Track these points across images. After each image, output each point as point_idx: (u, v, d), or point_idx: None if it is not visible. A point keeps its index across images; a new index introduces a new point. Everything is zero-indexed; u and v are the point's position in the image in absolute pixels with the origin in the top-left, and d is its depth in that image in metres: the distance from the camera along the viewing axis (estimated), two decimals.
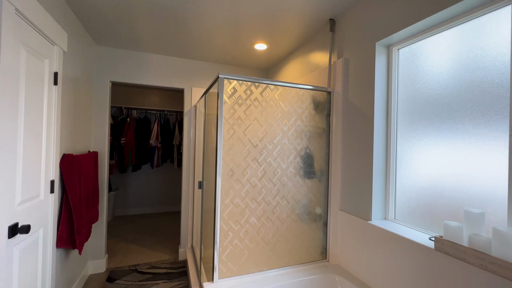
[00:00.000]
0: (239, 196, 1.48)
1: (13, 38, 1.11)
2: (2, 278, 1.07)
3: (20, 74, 1.20)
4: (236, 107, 1.46)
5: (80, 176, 1.82)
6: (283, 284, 1.42)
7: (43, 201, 1.43)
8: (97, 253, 2.36)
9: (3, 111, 1.07)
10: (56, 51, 1.53)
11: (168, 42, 2.26)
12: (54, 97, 1.52)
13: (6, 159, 1.09)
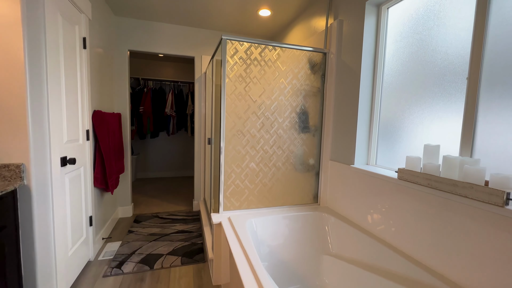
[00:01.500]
0: (240, 144, 1.73)
1: (52, 5, 1.35)
2: (59, 196, 1.42)
3: (59, 37, 1.45)
4: (237, 66, 1.66)
5: (108, 130, 2.15)
6: (277, 217, 1.71)
7: (82, 145, 1.77)
8: (124, 200, 2.78)
9: (52, 68, 1.34)
10: (83, 18, 1.77)
11: (178, 11, 2.43)
12: (84, 60, 1.79)
13: (56, 108, 1.39)
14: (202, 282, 1.70)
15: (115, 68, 2.64)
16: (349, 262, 1.48)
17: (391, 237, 1.32)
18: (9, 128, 1.16)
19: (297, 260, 1.64)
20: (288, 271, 1.60)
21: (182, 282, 1.69)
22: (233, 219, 1.58)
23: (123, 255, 1.99)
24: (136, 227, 2.51)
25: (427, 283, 1.07)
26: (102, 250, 2.07)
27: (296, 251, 1.66)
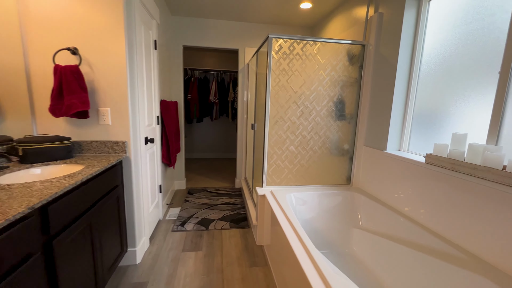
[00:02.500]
0: (281, 129, 1.99)
1: (139, 18, 1.73)
2: (144, 166, 1.88)
3: (142, 42, 1.84)
4: (281, 60, 1.89)
5: (170, 116, 2.59)
6: (313, 193, 1.97)
7: (154, 128, 2.21)
8: (179, 175, 3.30)
9: (142, 68, 1.74)
10: (154, 23, 2.15)
11: (225, 7, 2.69)
12: (155, 58, 2.19)
13: (141, 98, 1.80)
14: (247, 242, 2.08)
15: (172, 62, 3.05)
16: (377, 234, 1.70)
17: (417, 215, 1.50)
18: (118, 116, 1.59)
19: (328, 230, 1.90)
20: (320, 238, 1.88)
21: (232, 240, 2.09)
22: (275, 193, 1.88)
23: (183, 217, 2.47)
24: (190, 198, 3.01)
25: (446, 252, 1.25)
26: (167, 213, 2.58)
27: (327, 222, 1.92)
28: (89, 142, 1.59)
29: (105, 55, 1.53)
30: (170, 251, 1.91)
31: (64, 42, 1.49)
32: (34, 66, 1.48)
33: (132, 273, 1.65)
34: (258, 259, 1.84)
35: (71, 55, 1.49)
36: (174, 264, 1.74)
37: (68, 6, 1.46)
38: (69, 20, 1.48)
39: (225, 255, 1.88)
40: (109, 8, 1.49)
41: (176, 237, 2.12)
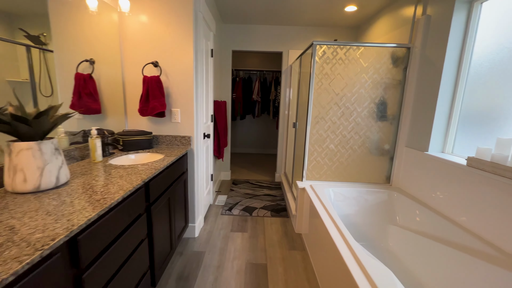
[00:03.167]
0: (322, 129, 2.16)
1: (201, 33, 2.06)
2: (201, 157, 2.24)
3: (203, 51, 2.18)
4: (324, 65, 2.05)
5: (221, 114, 2.94)
6: (351, 189, 2.10)
7: (209, 125, 2.57)
8: (225, 167, 3.68)
9: (202, 75, 2.09)
10: (211, 34, 2.49)
11: (271, 13, 2.91)
12: (211, 65, 2.53)
13: (200, 98, 2.15)
14: (287, 229, 2.31)
15: (222, 65, 3.41)
16: (414, 232, 1.76)
17: (457, 216, 1.54)
18: (185, 115, 1.96)
19: (364, 224, 2.02)
20: (356, 231, 2.01)
21: (273, 227, 2.34)
22: (314, 187, 2.07)
23: (230, 204, 2.82)
24: (234, 188, 3.35)
25: (485, 252, 1.30)
26: (216, 199, 2.96)
27: (364, 217, 2.03)
28: (164, 136, 1.99)
29: (177, 66, 1.90)
30: (221, 230, 2.25)
31: (148, 57, 1.89)
32: (128, 77, 1.92)
33: (192, 243, 2.02)
34: (297, 244, 2.06)
35: (153, 68, 1.89)
36: (225, 240, 2.07)
37: (151, 28, 1.86)
38: (151, 39, 1.87)
39: (267, 238, 2.14)
40: (181, 27, 1.85)
41: (225, 219, 2.46)
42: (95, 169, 1.30)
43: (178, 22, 1.84)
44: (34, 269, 0.61)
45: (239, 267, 1.75)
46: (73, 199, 0.91)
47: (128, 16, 1.83)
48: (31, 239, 0.65)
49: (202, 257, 1.84)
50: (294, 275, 1.69)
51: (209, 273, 1.68)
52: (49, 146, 0.98)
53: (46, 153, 0.97)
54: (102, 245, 0.88)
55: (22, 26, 1.13)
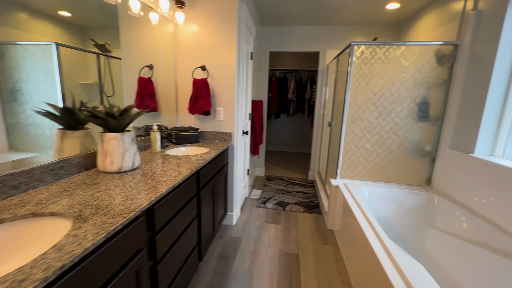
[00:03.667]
0: (358, 128, 2.18)
1: (243, 38, 2.24)
2: (240, 152, 2.43)
3: (244, 56, 2.36)
4: (362, 65, 2.07)
5: (258, 113, 3.11)
6: (387, 189, 2.09)
7: (247, 123, 2.76)
8: (260, 163, 3.85)
9: (243, 76, 2.27)
10: (252, 38, 2.66)
11: (309, 14, 2.97)
12: (250, 67, 2.71)
13: (241, 98, 2.34)
14: (319, 225, 2.38)
15: (260, 66, 3.57)
16: (455, 237, 1.71)
17: (504, 222, 1.46)
18: (228, 114, 2.17)
19: (400, 225, 2.00)
20: (391, 231, 2.00)
21: (305, 222, 2.44)
22: (348, 185, 2.11)
23: (264, 198, 2.98)
24: (268, 183, 3.51)
25: None
26: (251, 192, 3.15)
27: (400, 218, 2.01)
28: (208, 132, 2.23)
29: (222, 70, 2.11)
30: (256, 220, 2.42)
31: (197, 61, 2.14)
32: (180, 80, 2.19)
33: (230, 230, 2.23)
34: (329, 239, 2.13)
35: (201, 71, 2.13)
36: (260, 230, 2.24)
37: (200, 36, 2.09)
38: (200, 46, 2.11)
39: (299, 231, 2.25)
40: (226, 35, 2.05)
41: (259, 211, 2.63)
42: (156, 158, 1.56)
43: (223, 30, 2.05)
44: (128, 226, 0.83)
45: (273, 254, 1.90)
46: (146, 179, 1.15)
47: (181, 26, 2.10)
48: (125, 204, 0.88)
49: (239, 243, 2.03)
50: (325, 266, 1.77)
51: (246, 256, 1.86)
52: (128, 137, 1.24)
53: (126, 142, 1.23)
54: (167, 217, 1.10)
55: (92, 36, 1.38)
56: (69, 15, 1.17)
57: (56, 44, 1.12)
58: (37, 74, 1.04)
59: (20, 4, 0.96)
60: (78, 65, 1.25)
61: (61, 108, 1.15)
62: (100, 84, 1.43)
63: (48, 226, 0.78)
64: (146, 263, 0.95)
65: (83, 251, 0.61)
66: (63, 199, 0.90)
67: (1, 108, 0.92)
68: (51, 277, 0.53)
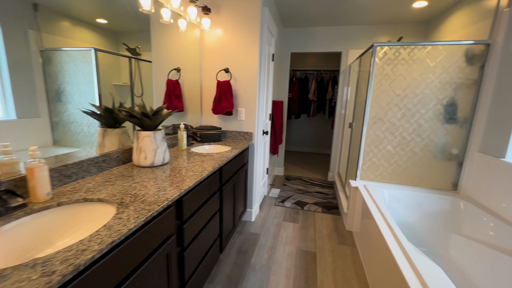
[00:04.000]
0: (379, 129, 2.15)
1: (265, 41, 2.31)
2: (259, 152, 2.51)
3: (266, 58, 2.44)
4: (385, 66, 2.04)
5: (278, 113, 3.17)
6: (409, 193, 2.05)
7: (267, 123, 2.83)
8: (279, 163, 3.90)
9: (264, 78, 2.34)
10: (273, 40, 2.72)
11: (331, 15, 2.96)
12: (271, 68, 2.78)
13: (262, 98, 2.41)
14: (337, 226, 2.39)
15: (281, 67, 3.62)
16: (483, 244, 1.64)
17: None
18: (249, 114, 2.25)
19: (422, 230, 1.95)
20: (412, 235, 1.96)
21: (323, 222, 2.45)
22: (368, 186, 2.10)
23: (283, 197, 3.03)
24: (287, 183, 3.55)
25: None
26: (270, 191, 3.21)
27: (422, 223, 1.96)
28: (230, 131, 2.33)
29: (244, 72, 2.20)
30: (274, 218, 2.48)
31: (221, 64, 2.25)
32: (204, 82, 2.32)
33: (249, 226, 2.31)
34: (347, 240, 2.14)
35: (225, 73, 2.24)
36: (278, 227, 2.30)
37: (224, 40, 2.20)
38: (224, 49, 2.22)
39: (317, 230, 2.28)
40: (249, 38, 2.13)
41: (278, 210, 2.69)
42: (183, 155, 1.69)
43: (246, 34, 2.14)
44: (161, 213, 0.94)
45: (290, 251, 1.95)
46: (175, 173, 1.26)
47: (207, 31, 2.22)
48: (159, 195, 0.99)
49: (257, 238, 2.11)
50: (342, 266, 1.79)
51: (264, 251, 1.93)
52: (160, 135, 1.37)
53: (158, 140, 1.36)
54: (193, 208, 1.21)
55: (124, 41, 1.49)
56: (105, 22, 1.30)
57: (94, 50, 1.26)
58: (78, 77, 1.17)
59: (65, 13, 1.08)
60: (112, 67, 1.37)
61: (103, 109, 1.30)
62: (131, 85, 1.55)
63: (97, 210, 0.91)
64: (174, 248, 1.06)
65: (128, 231, 0.73)
66: (107, 188, 1.04)
67: (47, 107, 1.05)
68: (105, 249, 0.65)
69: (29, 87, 0.95)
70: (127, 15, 1.45)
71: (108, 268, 0.68)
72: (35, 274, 0.53)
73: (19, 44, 0.91)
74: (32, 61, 0.96)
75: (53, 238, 0.84)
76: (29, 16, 0.94)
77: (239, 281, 1.61)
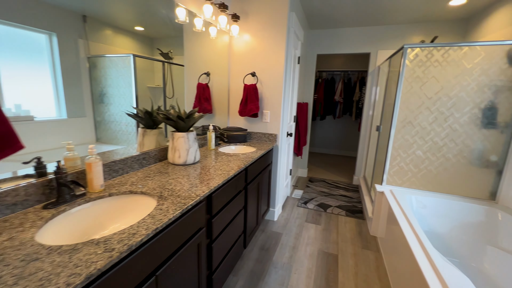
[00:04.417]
0: (409, 134, 2.09)
1: (291, 44, 2.36)
2: (283, 153, 2.56)
3: (292, 61, 2.48)
4: (416, 68, 1.98)
5: (303, 115, 3.19)
6: (439, 200, 1.96)
7: (291, 125, 2.87)
8: (303, 164, 3.91)
9: (289, 81, 2.39)
10: (299, 43, 2.76)
11: (360, 15, 2.90)
12: (297, 71, 2.81)
13: (287, 101, 2.46)
14: (361, 230, 2.35)
15: (307, 69, 3.63)
16: None
17: None
18: (274, 116, 2.32)
19: (454, 240, 1.86)
20: (442, 245, 1.88)
21: (347, 226, 2.43)
22: (394, 192, 2.05)
23: (305, 198, 3.04)
24: (310, 185, 3.55)
25: None
26: (293, 192, 3.25)
27: (453, 232, 1.87)
28: (255, 133, 2.42)
29: (270, 75, 2.27)
30: (297, 219, 2.52)
31: (248, 68, 2.34)
32: (232, 85, 2.43)
33: (272, 225, 2.38)
34: (370, 245, 2.11)
35: (251, 77, 2.33)
36: (300, 228, 2.33)
37: (251, 45, 2.29)
38: (251, 54, 2.31)
39: (340, 233, 2.27)
40: (275, 42, 2.20)
41: (300, 211, 2.72)
42: (212, 154, 1.81)
43: (273, 38, 2.20)
44: (194, 207, 1.05)
45: (312, 252, 1.98)
46: (205, 171, 1.38)
47: (235, 37, 2.33)
48: (192, 190, 1.10)
49: (280, 237, 2.17)
50: (365, 270, 1.78)
51: (286, 250, 1.99)
52: (192, 136, 1.50)
53: (190, 140, 1.48)
54: (221, 204, 1.31)
55: (158, 46, 1.61)
56: (142, 29, 1.43)
57: (133, 56, 1.40)
58: (119, 81, 1.30)
59: (109, 23, 1.22)
60: (147, 71, 1.50)
61: (144, 112, 1.46)
62: (164, 87, 1.67)
63: (140, 201, 1.05)
64: (204, 240, 1.17)
65: (168, 220, 0.84)
66: (148, 182, 1.18)
67: (92, 108, 1.18)
68: (150, 234, 0.76)
69: (78, 90, 1.09)
70: (163, 23, 1.59)
71: (152, 250, 0.80)
72: (99, 250, 0.66)
73: (71, 52, 1.05)
74: (81, 67, 1.10)
75: (105, 223, 0.98)
76: (79, 26, 1.07)
77: (261, 277, 1.69)
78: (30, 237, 0.71)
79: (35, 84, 0.92)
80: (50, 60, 0.97)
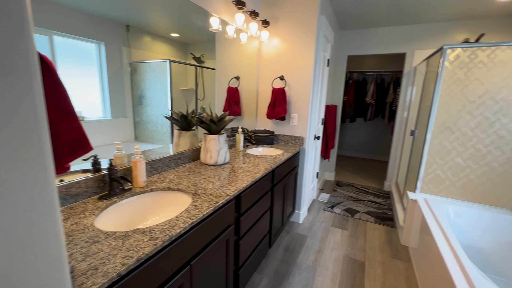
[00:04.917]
0: (447, 139, 1.96)
1: (321, 47, 2.36)
2: (310, 156, 2.56)
3: (321, 64, 2.47)
4: (456, 70, 1.85)
5: (331, 118, 3.14)
6: (481, 212, 1.81)
7: (319, 128, 2.85)
8: (330, 168, 3.84)
9: (318, 84, 2.39)
10: (329, 46, 2.73)
11: (394, 14, 2.78)
12: (326, 73, 2.79)
13: (315, 104, 2.46)
14: (391, 238, 2.26)
15: (336, 70, 3.56)
16: None
17: None
18: (301, 119, 2.34)
19: (497, 256, 1.70)
20: (483, 261, 1.73)
21: (375, 233, 2.35)
22: (429, 200, 1.94)
23: (332, 202, 3.00)
24: (338, 188, 3.48)
25: None
26: (319, 195, 3.22)
27: (497, 248, 1.72)
28: (282, 135, 2.46)
29: (298, 79, 2.29)
30: (322, 223, 2.50)
31: (276, 72, 2.39)
32: (260, 89, 2.50)
33: (297, 227, 2.40)
34: (401, 254, 2.02)
35: (280, 80, 2.38)
36: (326, 232, 2.32)
37: (280, 49, 2.33)
38: (280, 58, 2.35)
39: (368, 240, 2.21)
40: (305, 46, 2.21)
41: (326, 215, 2.69)
42: (240, 156, 1.89)
43: (302, 42, 2.23)
44: (225, 205, 1.13)
45: (337, 256, 1.96)
46: (234, 172, 1.46)
47: (265, 42, 2.40)
48: (223, 189, 1.18)
49: (305, 240, 2.18)
50: (394, 280, 1.72)
51: (310, 253, 1.99)
52: (223, 138, 1.59)
53: (221, 142, 1.58)
54: (249, 204, 1.38)
55: (191, 50, 1.70)
56: (177, 36, 1.54)
57: (169, 61, 1.52)
58: (155, 84, 1.41)
59: (148, 31, 1.34)
60: (181, 74, 1.60)
61: (179, 115, 1.59)
62: (196, 90, 1.77)
63: (177, 197, 1.16)
64: (232, 236, 1.25)
65: (202, 216, 0.93)
66: (183, 180, 1.29)
67: (132, 109, 1.31)
68: (187, 227, 0.85)
69: (121, 92, 1.23)
70: (197, 30, 1.69)
71: (188, 242, 0.89)
72: (146, 238, 0.76)
73: (116, 59, 1.18)
74: (123, 72, 1.23)
75: (147, 215, 1.11)
76: (123, 35, 1.21)
77: (285, 277, 1.73)
78: (90, 223, 0.84)
79: (86, 87, 1.07)
80: (99, 66, 1.11)
